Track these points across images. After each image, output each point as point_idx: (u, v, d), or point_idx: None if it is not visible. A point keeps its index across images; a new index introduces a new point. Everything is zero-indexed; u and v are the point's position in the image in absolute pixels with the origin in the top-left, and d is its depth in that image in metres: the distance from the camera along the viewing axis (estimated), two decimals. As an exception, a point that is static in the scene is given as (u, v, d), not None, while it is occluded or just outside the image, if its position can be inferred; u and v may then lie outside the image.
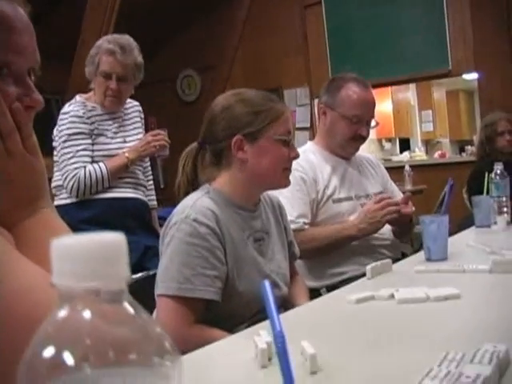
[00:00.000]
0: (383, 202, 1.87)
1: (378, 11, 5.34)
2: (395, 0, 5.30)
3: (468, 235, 1.97)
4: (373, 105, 2.03)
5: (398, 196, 2.11)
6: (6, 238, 0.65)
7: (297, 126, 5.56)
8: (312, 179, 1.94)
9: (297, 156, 1.40)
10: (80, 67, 2.42)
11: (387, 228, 1.95)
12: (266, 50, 5.98)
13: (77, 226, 2.21)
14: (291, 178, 1.44)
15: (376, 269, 1.38)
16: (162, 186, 6.40)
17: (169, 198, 7.01)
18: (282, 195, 1.67)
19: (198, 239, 1.26)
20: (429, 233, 1.50)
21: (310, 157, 2.01)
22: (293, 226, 1.74)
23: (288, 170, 1.39)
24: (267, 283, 0.45)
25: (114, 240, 0.33)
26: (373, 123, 2.04)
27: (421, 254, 1.57)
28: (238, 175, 1.36)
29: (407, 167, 4.71)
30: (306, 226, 1.88)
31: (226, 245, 1.31)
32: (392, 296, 1.13)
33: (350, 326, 1.01)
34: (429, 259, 1.51)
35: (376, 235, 1.92)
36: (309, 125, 5.73)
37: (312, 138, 5.66)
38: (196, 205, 1.30)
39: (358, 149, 2.08)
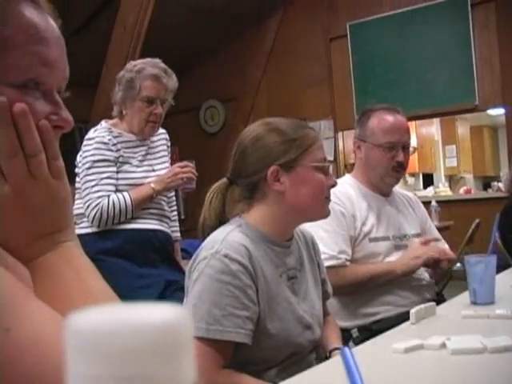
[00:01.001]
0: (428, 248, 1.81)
1: (403, 44, 5.32)
2: (420, 33, 5.27)
3: (509, 275, 1.86)
4: (406, 129, 1.95)
5: (436, 236, 2.02)
6: (21, 274, 0.58)
7: (320, 158, 5.51)
8: (351, 215, 1.87)
9: (335, 184, 1.34)
10: (105, 94, 2.38)
11: (422, 268, 1.87)
12: (291, 81, 5.98)
13: (96, 257, 2.15)
14: (333, 209, 1.39)
15: (420, 313, 1.28)
16: (182, 217, 6.36)
17: (189, 229, 7.00)
18: (321, 229, 1.61)
19: (229, 277, 1.19)
20: (475, 274, 1.39)
21: (349, 191, 1.94)
22: (333, 262, 1.67)
23: (328, 199, 1.33)
24: (347, 350, 0.36)
25: (173, 325, 0.20)
26: (410, 149, 1.96)
27: (464, 296, 1.47)
28: (275, 208, 1.31)
29: (434, 203, 4.60)
30: (348, 263, 1.80)
31: (259, 283, 1.23)
32: (443, 345, 1.03)
33: (400, 379, 0.90)
34: (474, 302, 1.40)
35: (412, 275, 1.84)
36: (333, 158, 5.69)
37: (336, 172, 5.62)
38: (227, 239, 1.24)
39: (398, 179, 1.99)
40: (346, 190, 1.92)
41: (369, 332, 1.71)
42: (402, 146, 1.92)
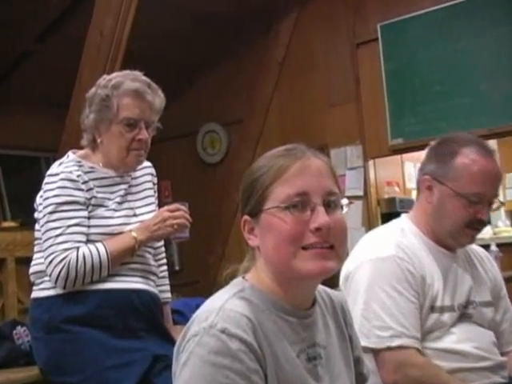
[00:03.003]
0: None
1: (449, 48, 5.26)
2: (472, 34, 5.20)
3: None
4: (498, 179, 1.90)
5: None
6: None
7: (347, 193, 5.46)
8: (420, 275, 1.82)
9: (320, 227, 1.22)
10: (77, 116, 2.37)
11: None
12: (308, 98, 5.96)
13: (62, 327, 2.13)
14: (395, 267, 1.33)
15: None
16: (176, 268, 6.34)
17: (186, 283, 6.91)
18: (383, 292, 1.62)
19: (227, 359, 1.14)
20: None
21: (412, 241, 1.89)
22: (399, 342, 1.67)
23: (311, 248, 1.24)
24: None
25: None
26: (495, 204, 1.91)
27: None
28: (264, 266, 1.30)
29: (494, 247, 4.49)
30: (417, 346, 1.75)
31: (268, 366, 1.18)
32: None
33: None
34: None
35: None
36: (362, 193, 5.62)
37: (367, 209, 5.55)
38: (225, 308, 1.21)
39: (473, 239, 1.93)
40: (410, 240, 1.88)
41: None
42: (489, 202, 1.87)
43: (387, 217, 5.40)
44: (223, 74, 6.47)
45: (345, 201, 1.31)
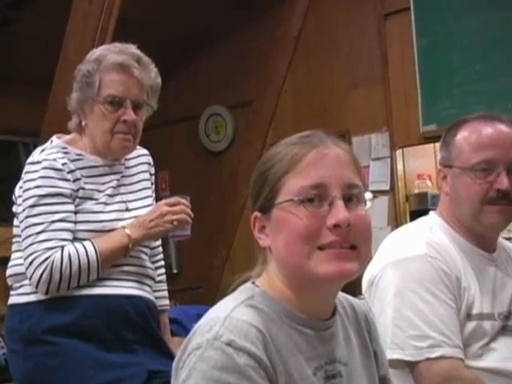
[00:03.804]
0: None
1: (496, 20, 5.16)
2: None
3: None
4: (509, 141, 1.89)
5: None
6: None
7: (370, 187, 5.44)
8: (456, 277, 1.82)
9: (338, 223, 1.23)
10: (62, 96, 2.39)
11: None
12: (328, 78, 5.94)
13: (44, 338, 2.15)
14: (427, 267, 1.43)
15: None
16: (174, 271, 6.35)
17: (185, 288, 6.92)
18: (417, 297, 1.66)
19: (233, 375, 1.15)
20: None
21: (444, 240, 1.90)
22: (441, 352, 1.68)
23: (324, 249, 1.25)
24: None
25: None
26: None
27: None
28: (276, 269, 1.32)
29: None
30: (461, 356, 1.75)
31: None
32: None
33: None
34: None
35: None
36: (388, 187, 5.60)
37: (394, 206, 5.53)
38: (232, 318, 1.21)
39: (503, 216, 1.89)
40: (441, 239, 1.89)
41: None
42: (507, 168, 1.86)
43: (417, 215, 5.35)
44: (230, 49, 6.44)
45: (368, 195, 1.32)
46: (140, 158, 2.44)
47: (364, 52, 5.76)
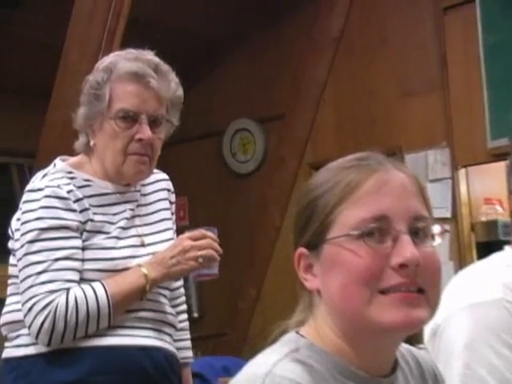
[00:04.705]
0: None
1: None
2: None
3: None
4: None
5: None
6: None
7: (428, 214, 5.40)
8: None
9: (405, 262, 1.23)
10: (61, 109, 2.40)
11: None
12: (375, 86, 5.96)
13: None
14: (504, 314, 1.50)
15: None
16: (195, 315, 6.35)
17: (206, 336, 6.91)
18: (490, 349, 1.65)
19: None
20: None
21: None
22: None
23: (387, 293, 1.24)
24: None
25: None
26: None
27: None
28: (327, 317, 1.32)
29: None
30: None
31: None
32: None
33: None
34: None
35: None
36: (450, 214, 5.58)
37: (457, 236, 5.48)
38: (274, 375, 1.22)
39: None
40: None
41: None
42: None
43: (485, 247, 5.33)
44: (259, 54, 6.49)
45: (437, 228, 1.31)
46: (158, 184, 2.45)
47: (419, 54, 5.76)
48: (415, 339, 1.77)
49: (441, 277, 1.29)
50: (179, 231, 2.43)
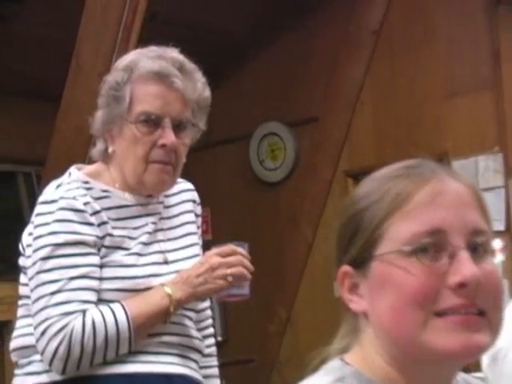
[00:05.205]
0: None
1: None
2: None
3: None
4: None
5: None
6: None
7: (479, 227, 5.40)
8: None
9: (466, 282, 1.21)
10: (72, 113, 2.41)
11: None
12: (418, 85, 5.96)
13: None
14: None
15: None
16: (219, 339, 6.33)
17: (232, 362, 6.92)
18: None
19: None
20: None
21: None
22: None
23: (444, 315, 1.23)
24: None
25: None
26: None
27: None
28: (376, 342, 1.31)
29: None
30: None
31: None
32: None
33: None
34: None
35: None
36: (503, 226, 5.58)
37: (511, 252, 5.44)
38: None
39: None
40: None
41: None
42: None
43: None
44: (290, 51, 6.52)
45: (498, 243, 1.29)
46: (183, 195, 2.46)
47: (468, 50, 5.76)
48: (472, 367, 1.76)
49: (503, 297, 1.27)
50: (203, 246, 2.45)
